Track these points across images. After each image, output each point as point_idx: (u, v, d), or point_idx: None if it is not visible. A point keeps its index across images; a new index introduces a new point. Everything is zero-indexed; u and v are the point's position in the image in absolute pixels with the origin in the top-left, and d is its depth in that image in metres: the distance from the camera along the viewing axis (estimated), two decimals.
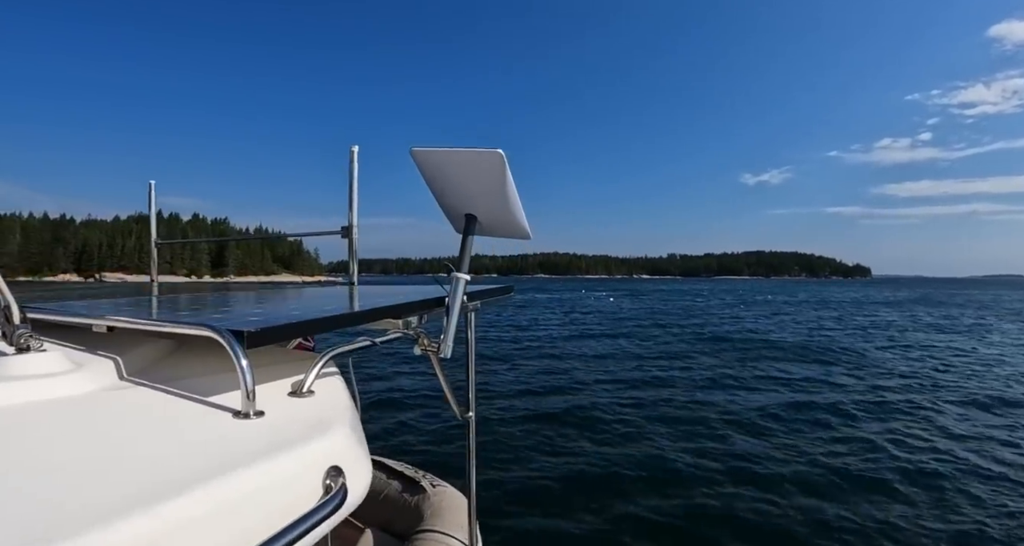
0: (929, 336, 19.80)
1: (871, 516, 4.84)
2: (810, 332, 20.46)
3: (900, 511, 4.95)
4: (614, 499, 5.09)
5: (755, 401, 8.85)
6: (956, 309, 36.38)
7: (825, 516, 4.85)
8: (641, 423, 7.58)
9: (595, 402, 8.77)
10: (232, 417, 0.81)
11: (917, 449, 6.60)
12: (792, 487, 5.37)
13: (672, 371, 11.78)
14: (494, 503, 4.85)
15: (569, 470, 5.77)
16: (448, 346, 1.31)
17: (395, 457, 2.81)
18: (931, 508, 5.03)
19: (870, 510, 4.94)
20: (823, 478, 5.64)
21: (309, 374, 0.97)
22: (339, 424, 0.79)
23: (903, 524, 4.70)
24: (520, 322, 24.24)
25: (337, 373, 1.12)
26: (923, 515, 4.89)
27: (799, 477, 5.64)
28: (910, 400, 9.10)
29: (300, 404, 0.90)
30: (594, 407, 8.43)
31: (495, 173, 1.28)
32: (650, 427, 7.39)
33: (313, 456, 0.70)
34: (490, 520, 4.33)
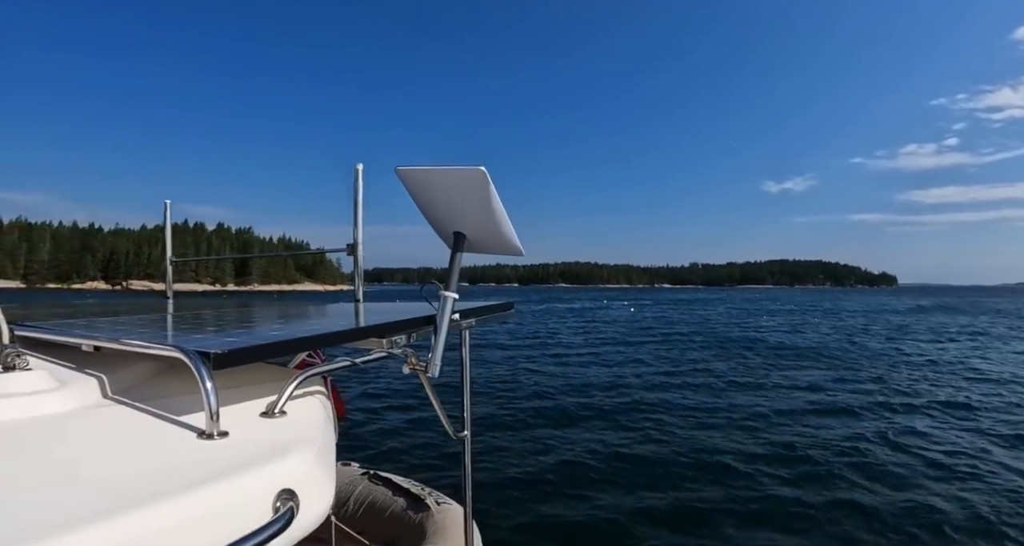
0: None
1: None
2: (828, 338, 20.17)
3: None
4: (629, 523, 5.02)
5: (787, 426, 8.67)
6: (984, 317, 35.47)
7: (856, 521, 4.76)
8: (656, 441, 7.46)
9: (613, 417, 8.70)
10: (196, 437, 0.83)
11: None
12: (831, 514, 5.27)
13: (687, 384, 11.63)
14: (499, 520, 4.82)
15: (580, 490, 5.69)
16: (436, 366, 1.30)
17: (401, 473, 2.82)
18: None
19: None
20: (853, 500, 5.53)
21: (282, 395, 0.99)
22: (301, 446, 0.80)
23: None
24: (538, 331, 24.17)
25: (319, 393, 1.13)
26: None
27: (833, 504, 5.51)
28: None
29: (268, 425, 0.91)
30: (612, 422, 8.36)
31: (479, 190, 1.27)
32: (668, 445, 7.28)
33: (266, 478, 0.71)
34: (494, 535, 4.31)
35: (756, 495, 5.44)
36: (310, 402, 1.05)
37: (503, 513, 4.98)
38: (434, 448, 6.74)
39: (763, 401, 9.70)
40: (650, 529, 4.81)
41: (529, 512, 5.05)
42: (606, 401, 9.69)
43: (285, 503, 0.70)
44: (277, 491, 0.70)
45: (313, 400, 1.07)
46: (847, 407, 9.27)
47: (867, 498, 5.37)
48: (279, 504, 0.69)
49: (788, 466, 6.25)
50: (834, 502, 5.28)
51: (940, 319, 34.29)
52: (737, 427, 7.97)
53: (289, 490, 0.71)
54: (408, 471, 2.65)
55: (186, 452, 0.77)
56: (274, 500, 0.70)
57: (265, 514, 0.68)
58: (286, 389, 1.00)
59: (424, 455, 6.60)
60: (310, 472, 0.78)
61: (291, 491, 0.72)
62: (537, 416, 8.59)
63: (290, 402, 0.99)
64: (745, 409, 9.01)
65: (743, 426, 8.01)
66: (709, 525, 4.88)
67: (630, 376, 12.49)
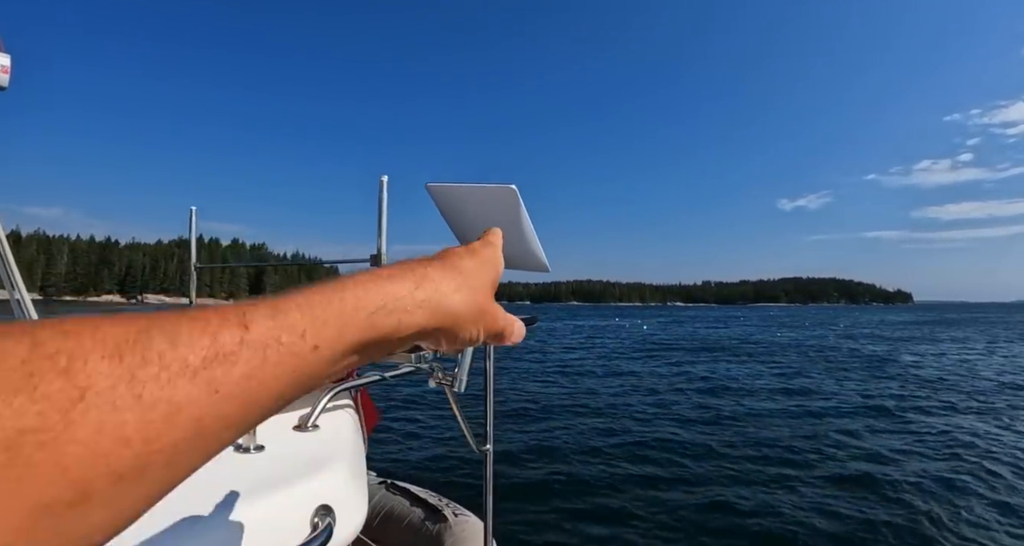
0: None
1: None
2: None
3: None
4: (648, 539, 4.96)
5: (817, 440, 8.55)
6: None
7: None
8: (680, 456, 7.37)
9: (630, 434, 8.61)
10: (233, 451, 0.82)
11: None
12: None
13: (710, 402, 11.52)
14: (518, 536, 4.76)
15: (601, 507, 5.62)
16: (462, 381, 1.30)
17: (420, 483, 2.80)
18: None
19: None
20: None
21: (315, 409, 0.98)
22: (335, 461, 0.80)
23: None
24: (552, 350, 24.11)
25: (348, 406, 1.13)
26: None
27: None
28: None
29: (302, 439, 0.91)
30: (629, 439, 8.27)
31: (510, 208, 1.28)
32: (691, 461, 7.19)
33: (303, 494, 0.71)
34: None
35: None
36: (341, 416, 1.05)
37: (522, 530, 4.92)
38: (455, 460, 6.69)
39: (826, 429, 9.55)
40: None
41: (549, 531, 4.99)
42: (632, 423, 9.53)
43: (323, 519, 0.70)
44: (315, 507, 0.70)
45: (344, 414, 1.07)
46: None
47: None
48: (317, 520, 0.70)
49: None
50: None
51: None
52: (789, 459, 7.65)
53: (326, 506, 0.71)
54: (427, 482, 2.62)
55: (225, 466, 0.77)
56: (312, 515, 0.70)
57: (303, 530, 0.68)
58: (319, 403, 1.00)
59: (445, 467, 6.56)
60: (345, 487, 0.78)
61: (328, 507, 0.71)
62: (561, 434, 8.49)
63: (322, 415, 0.99)
64: (805, 440, 8.75)
65: (796, 457, 7.77)
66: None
67: (657, 397, 12.33)
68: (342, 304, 0.32)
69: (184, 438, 0.25)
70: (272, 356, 0.28)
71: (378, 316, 0.34)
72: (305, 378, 0.30)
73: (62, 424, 0.21)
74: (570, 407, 10.62)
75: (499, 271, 0.48)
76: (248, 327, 0.28)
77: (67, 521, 0.21)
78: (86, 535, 0.22)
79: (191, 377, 0.25)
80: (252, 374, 0.27)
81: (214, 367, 0.26)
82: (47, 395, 0.21)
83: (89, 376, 0.22)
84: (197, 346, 0.26)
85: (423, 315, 0.37)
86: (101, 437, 0.22)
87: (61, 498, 0.21)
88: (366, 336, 0.34)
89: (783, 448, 7.80)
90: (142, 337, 0.25)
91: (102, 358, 0.23)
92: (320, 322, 0.31)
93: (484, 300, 0.43)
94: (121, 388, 0.23)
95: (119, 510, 0.23)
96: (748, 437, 8.43)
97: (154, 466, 0.24)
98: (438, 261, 0.42)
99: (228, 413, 0.26)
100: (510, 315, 0.46)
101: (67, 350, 0.22)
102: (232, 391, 0.26)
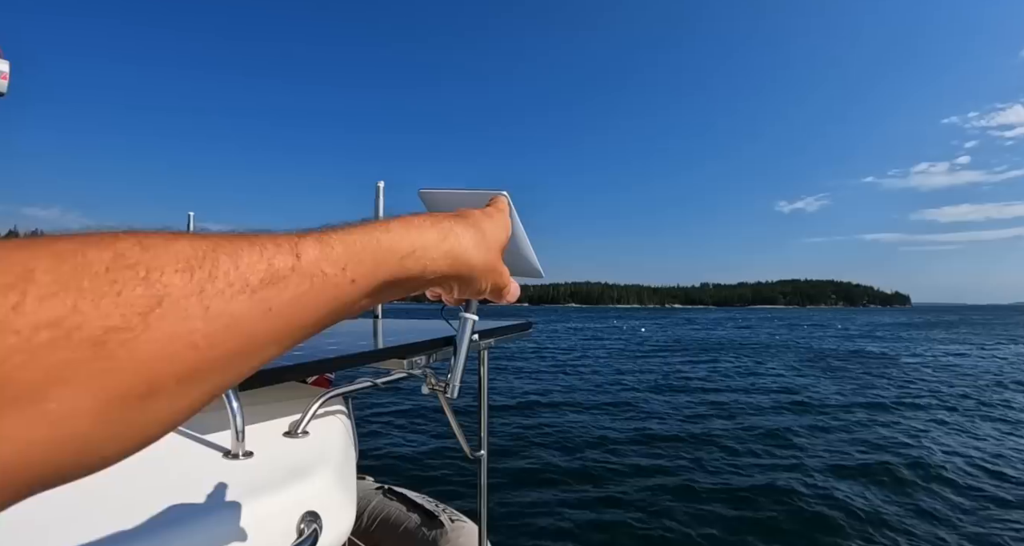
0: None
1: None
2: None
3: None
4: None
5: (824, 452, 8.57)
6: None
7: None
8: (678, 460, 7.36)
9: (627, 438, 8.59)
10: (222, 457, 0.83)
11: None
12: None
13: (708, 404, 11.51)
14: (513, 540, 4.76)
15: (596, 512, 5.61)
16: (455, 387, 1.30)
17: (416, 489, 2.80)
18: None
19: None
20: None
21: (305, 415, 0.99)
22: (324, 468, 0.80)
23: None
24: (549, 352, 24.08)
25: (340, 412, 1.13)
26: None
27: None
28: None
29: (291, 445, 0.91)
30: (626, 443, 8.26)
31: None
32: (690, 465, 7.18)
33: (290, 500, 0.71)
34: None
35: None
36: (332, 422, 1.05)
37: (517, 534, 4.93)
38: (449, 466, 6.68)
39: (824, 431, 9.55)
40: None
41: (545, 535, 4.98)
42: (629, 427, 9.51)
43: (309, 525, 0.70)
44: (301, 513, 0.71)
45: (335, 420, 1.07)
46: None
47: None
48: (303, 526, 0.70)
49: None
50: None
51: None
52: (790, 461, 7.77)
53: (313, 512, 0.72)
54: (423, 487, 2.62)
55: (213, 472, 0.77)
56: (298, 522, 0.70)
57: (290, 536, 0.69)
58: (309, 409, 1.00)
59: (440, 472, 6.55)
60: (333, 494, 0.79)
61: (315, 513, 0.72)
62: (557, 437, 8.47)
63: (313, 422, 1.00)
64: (801, 438, 8.81)
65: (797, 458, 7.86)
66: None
67: (655, 400, 12.28)
68: (378, 245, 0.37)
69: (239, 348, 0.28)
70: (317, 284, 0.32)
71: (408, 260, 0.39)
72: (342, 306, 0.35)
73: (142, 326, 0.24)
74: (566, 410, 10.61)
75: (508, 234, 0.56)
76: (299, 257, 0.32)
77: (135, 412, 0.24)
78: (148, 426, 0.26)
79: (250, 295, 0.29)
80: (299, 298, 0.31)
81: (269, 288, 0.30)
82: (129, 300, 0.24)
83: (165, 286, 0.25)
84: (256, 268, 0.29)
85: (446, 263, 0.43)
86: (173, 340, 0.25)
87: (135, 390, 0.24)
88: (396, 276, 0.38)
89: (784, 446, 7.82)
90: (210, 255, 0.28)
91: (176, 272, 0.26)
92: (358, 259, 0.35)
93: (495, 258, 0.50)
94: (192, 299, 0.26)
95: (178, 406, 0.27)
96: (747, 438, 8.44)
97: (212, 370, 0.27)
98: (461, 218, 0.48)
99: (276, 329, 0.30)
100: (510, 276, 0.54)
101: (145, 261, 0.25)
102: (282, 311, 0.30)
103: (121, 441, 0.25)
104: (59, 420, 0.22)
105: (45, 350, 0.21)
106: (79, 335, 0.22)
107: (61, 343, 0.21)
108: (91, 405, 0.22)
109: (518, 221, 1.43)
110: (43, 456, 0.22)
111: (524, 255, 1.49)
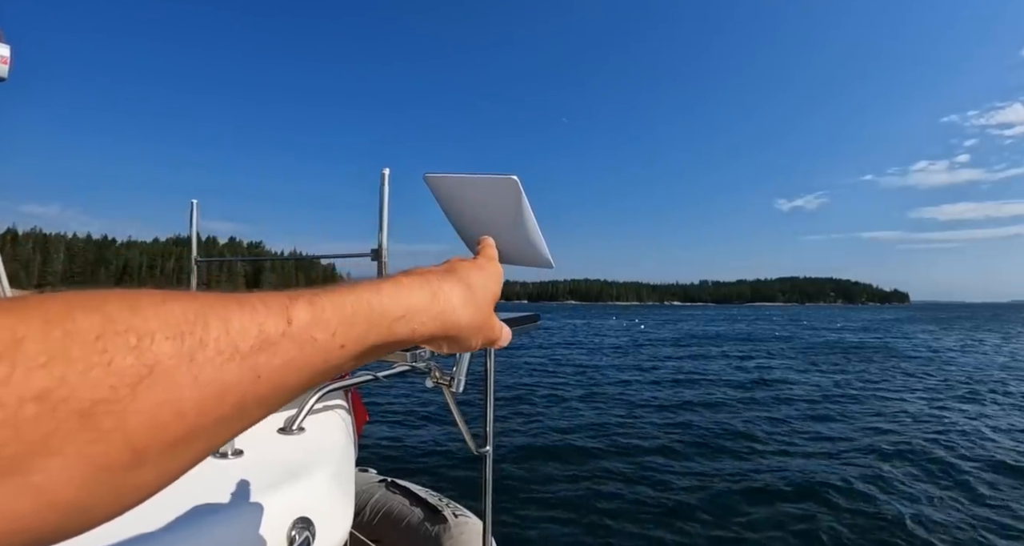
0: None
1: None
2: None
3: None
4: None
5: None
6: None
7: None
8: (681, 454, 7.30)
9: (630, 433, 8.54)
10: (211, 456, 0.76)
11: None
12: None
13: (708, 400, 11.47)
14: (518, 537, 4.70)
15: (601, 508, 5.53)
16: (460, 381, 1.24)
17: (420, 482, 2.75)
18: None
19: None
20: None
21: (302, 410, 0.92)
22: (318, 468, 0.73)
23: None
24: (552, 350, 24.08)
25: (338, 407, 1.06)
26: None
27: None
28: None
29: (285, 443, 0.84)
30: (629, 438, 8.19)
31: (510, 200, 1.22)
32: (693, 458, 7.13)
33: (281, 505, 0.65)
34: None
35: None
36: (330, 417, 0.99)
37: (522, 531, 4.87)
38: (455, 460, 6.63)
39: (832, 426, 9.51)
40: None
41: (549, 532, 4.93)
42: (632, 422, 9.43)
43: (301, 533, 0.64)
44: (292, 519, 0.65)
45: (333, 415, 1.01)
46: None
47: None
48: (294, 533, 0.64)
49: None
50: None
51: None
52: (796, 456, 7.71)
53: (305, 518, 0.66)
54: (427, 481, 2.57)
55: (200, 471, 0.70)
56: (289, 529, 0.64)
57: (279, 543, 0.62)
58: (306, 404, 0.93)
59: (444, 466, 6.50)
60: (328, 497, 0.72)
61: (307, 519, 0.66)
62: (560, 433, 8.41)
63: (309, 417, 0.93)
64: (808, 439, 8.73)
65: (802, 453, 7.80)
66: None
67: (657, 395, 12.23)
68: (370, 309, 0.37)
69: (228, 414, 0.28)
70: (307, 349, 0.32)
71: (398, 324, 0.39)
72: (329, 370, 0.34)
73: (130, 397, 0.23)
74: (570, 406, 10.57)
75: (500, 284, 0.54)
76: (290, 322, 0.31)
77: (122, 480, 0.24)
78: (134, 492, 0.25)
79: (240, 362, 0.28)
80: (288, 363, 0.31)
81: (259, 355, 0.29)
82: (120, 370, 0.23)
83: (155, 355, 0.24)
84: (247, 334, 0.29)
85: (435, 326, 0.42)
86: (161, 410, 0.24)
87: (121, 461, 0.23)
88: (384, 339, 0.38)
89: (786, 445, 7.77)
90: (199, 320, 0.27)
91: (166, 338, 0.25)
92: (349, 323, 0.35)
93: (487, 314, 0.50)
94: (182, 368, 0.25)
95: (166, 472, 0.26)
96: (750, 433, 8.41)
97: (199, 437, 0.27)
98: (450, 274, 0.47)
99: (264, 394, 0.30)
100: (502, 323, 0.53)
101: (135, 328, 0.24)
102: (271, 377, 0.30)
103: (106, 507, 0.24)
104: (44, 491, 0.21)
105: (32, 424, 0.21)
106: (66, 407, 0.21)
107: (48, 416, 0.21)
108: (77, 475, 0.22)
109: (528, 208, 1.34)
110: (28, 524, 0.21)
111: (534, 243, 1.41)
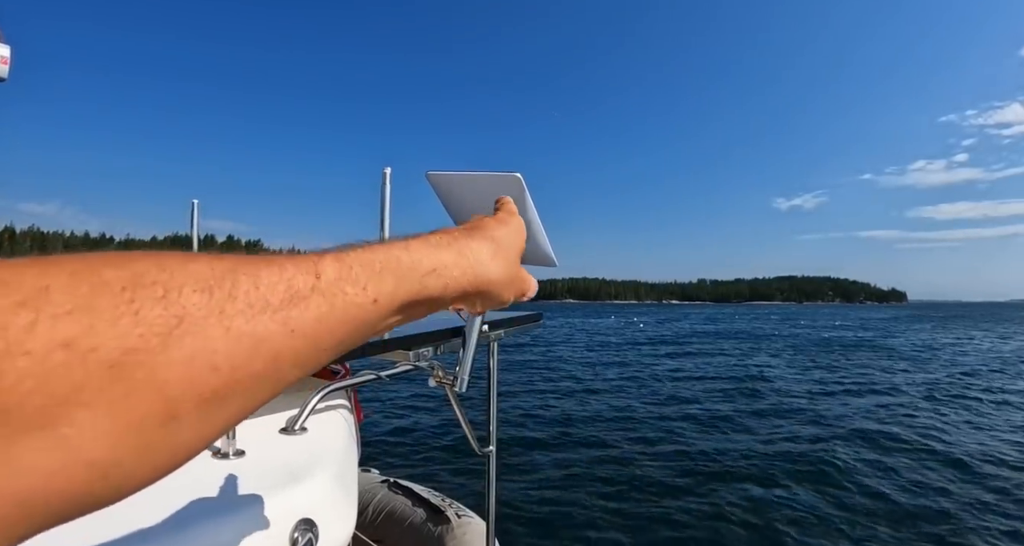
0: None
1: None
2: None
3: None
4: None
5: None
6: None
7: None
8: (683, 453, 7.28)
9: (633, 432, 8.50)
10: (210, 456, 0.74)
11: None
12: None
13: (710, 398, 11.44)
14: (521, 538, 4.69)
15: (605, 509, 5.49)
16: (464, 380, 1.23)
17: (423, 482, 2.74)
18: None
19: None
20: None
21: (304, 410, 0.90)
22: (321, 468, 0.72)
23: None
24: (551, 348, 24.07)
25: (341, 407, 1.05)
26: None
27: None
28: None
29: (287, 443, 0.82)
30: (632, 437, 8.16)
31: (514, 197, 1.21)
32: (696, 458, 7.09)
33: (283, 506, 0.63)
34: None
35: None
36: (333, 417, 0.97)
37: (525, 532, 4.86)
38: (458, 460, 6.60)
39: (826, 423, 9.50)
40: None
41: (553, 533, 4.91)
42: (634, 420, 9.38)
43: (304, 534, 0.63)
44: (295, 521, 0.63)
45: (335, 415, 0.99)
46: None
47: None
48: (297, 535, 0.63)
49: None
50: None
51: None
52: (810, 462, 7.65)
53: (308, 520, 0.65)
54: (430, 481, 2.56)
55: (200, 473, 0.69)
56: (291, 531, 0.62)
57: (281, 545, 0.60)
58: (307, 404, 0.91)
59: (447, 466, 6.47)
60: (331, 498, 0.71)
61: (310, 521, 0.65)
62: (562, 433, 8.37)
63: (312, 417, 0.91)
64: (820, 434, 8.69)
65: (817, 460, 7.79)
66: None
67: (659, 394, 12.17)
68: (399, 264, 0.36)
69: (263, 370, 0.27)
70: (339, 304, 0.31)
71: (430, 278, 0.38)
72: (364, 327, 0.34)
73: (160, 347, 0.23)
74: (571, 406, 10.55)
75: (524, 237, 0.54)
76: (319, 276, 0.31)
77: (156, 437, 0.23)
78: (169, 452, 0.24)
79: (271, 315, 0.27)
80: (321, 319, 0.30)
81: (290, 308, 0.28)
82: (148, 320, 0.22)
83: (184, 307, 0.24)
84: (276, 288, 0.28)
85: (466, 281, 0.42)
86: (193, 363, 0.24)
87: (154, 416, 0.23)
88: (417, 294, 0.37)
89: (789, 445, 7.75)
90: (228, 276, 0.27)
91: (194, 291, 0.25)
92: (379, 278, 0.34)
93: (515, 267, 0.50)
94: (212, 320, 0.25)
95: (200, 432, 0.25)
96: (752, 431, 8.41)
97: (235, 394, 0.26)
98: (476, 231, 0.47)
99: (299, 351, 0.29)
100: (529, 275, 0.53)
101: (163, 281, 0.24)
102: (305, 332, 0.29)
103: (140, 468, 0.23)
104: (75, 446, 0.20)
105: (59, 373, 0.20)
106: (95, 357, 0.21)
107: (76, 365, 0.20)
108: (109, 430, 0.21)
109: (532, 206, 1.31)
110: (58, 484, 0.20)
111: (538, 242, 1.39)
